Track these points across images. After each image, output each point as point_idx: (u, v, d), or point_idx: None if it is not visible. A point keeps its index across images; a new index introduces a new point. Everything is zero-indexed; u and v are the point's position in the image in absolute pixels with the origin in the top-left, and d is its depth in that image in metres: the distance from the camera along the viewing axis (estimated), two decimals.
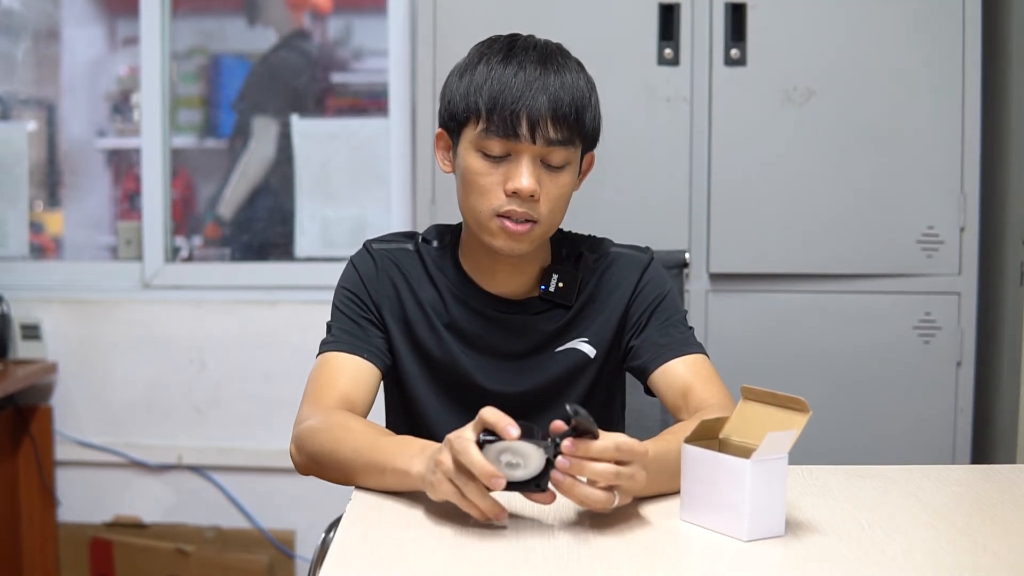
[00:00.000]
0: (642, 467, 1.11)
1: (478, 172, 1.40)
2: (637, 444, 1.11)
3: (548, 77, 1.37)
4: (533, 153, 1.37)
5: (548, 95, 1.36)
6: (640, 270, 1.54)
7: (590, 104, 1.42)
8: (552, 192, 1.40)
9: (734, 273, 2.37)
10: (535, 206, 1.39)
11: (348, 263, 1.56)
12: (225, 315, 2.89)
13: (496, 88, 1.37)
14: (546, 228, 1.43)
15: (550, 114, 1.36)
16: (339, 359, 1.46)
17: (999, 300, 2.39)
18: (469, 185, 1.41)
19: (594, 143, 1.47)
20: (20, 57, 3.25)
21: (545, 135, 1.36)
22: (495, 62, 1.39)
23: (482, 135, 1.38)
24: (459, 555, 1.06)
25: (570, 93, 1.38)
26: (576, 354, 1.52)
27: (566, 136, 1.38)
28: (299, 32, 3.25)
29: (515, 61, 1.38)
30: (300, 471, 1.39)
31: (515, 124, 1.35)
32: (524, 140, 1.36)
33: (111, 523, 2.92)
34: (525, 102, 1.35)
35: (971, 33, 2.29)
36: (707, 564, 1.06)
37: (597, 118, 1.45)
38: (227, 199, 3.16)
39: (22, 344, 2.89)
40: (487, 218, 1.40)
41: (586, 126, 1.41)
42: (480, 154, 1.39)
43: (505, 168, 1.38)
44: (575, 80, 1.40)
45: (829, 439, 2.27)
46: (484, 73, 1.39)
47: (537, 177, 1.38)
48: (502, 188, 1.38)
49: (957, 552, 1.09)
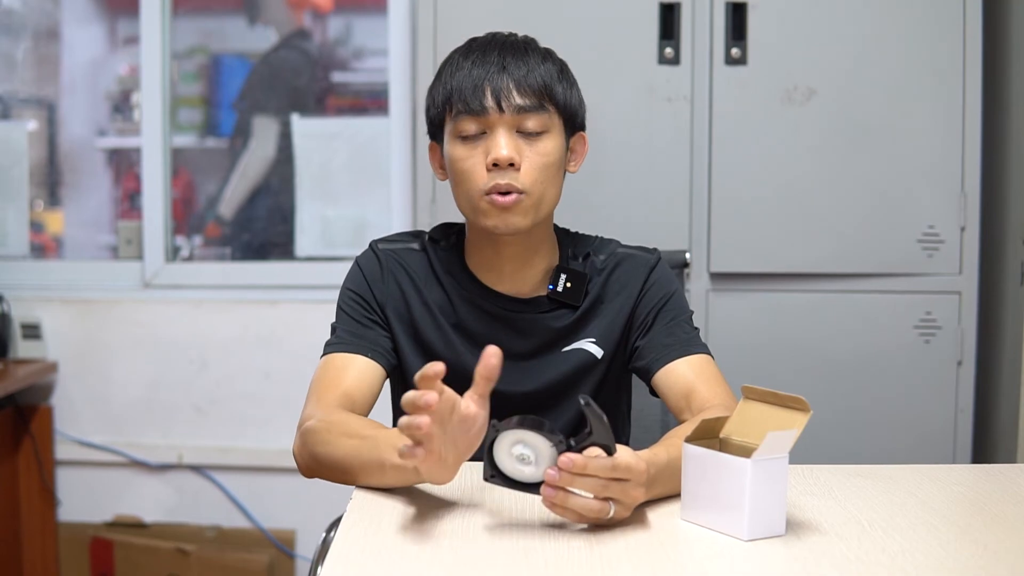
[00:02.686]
0: (639, 484, 1.11)
1: (460, 157, 1.43)
2: (635, 462, 1.10)
3: (507, 58, 1.43)
4: (506, 124, 1.41)
5: (506, 68, 1.42)
6: (647, 271, 1.54)
7: (560, 79, 1.46)
8: (534, 161, 1.42)
9: (735, 273, 2.37)
10: (517, 175, 1.41)
11: (353, 264, 1.56)
12: (225, 315, 2.89)
13: (459, 77, 1.43)
14: (536, 199, 1.43)
15: (514, 83, 1.41)
16: (343, 359, 1.46)
17: (1000, 300, 2.39)
18: (456, 174, 1.45)
19: (576, 120, 1.49)
20: (20, 56, 3.25)
21: (511, 102, 1.40)
22: (458, 61, 1.45)
23: (455, 119, 1.43)
24: (459, 555, 1.06)
25: (530, 65, 1.43)
26: (583, 354, 1.52)
27: (535, 101, 1.41)
28: (299, 31, 3.25)
29: (475, 54, 1.44)
30: (304, 474, 1.38)
31: (480, 97, 1.40)
32: (492, 112, 1.40)
33: (111, 523, 2.92)
34: (486, 77, 1.41)
35: (971, 33, 2.29)
36: (707, 564, 1.06)
37: (573, 95, 1.48)
38: (227, 199, 3.16)
39: (22, 343, 2.89)
40: (477, 199, 1.43)
41: (557, 95, 1.44)
42: (459, 140, 1.43)
43: (484, 146, 1.42)
44: (538, 60, 1.45)
45: (830, 439, 2.27)
46: (449, 72, 1.45)
47: (516, 147, 1.41)
48: (484, 165, 1.41)
49: (957, 551, 1.09)
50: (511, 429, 1.11)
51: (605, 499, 1.10)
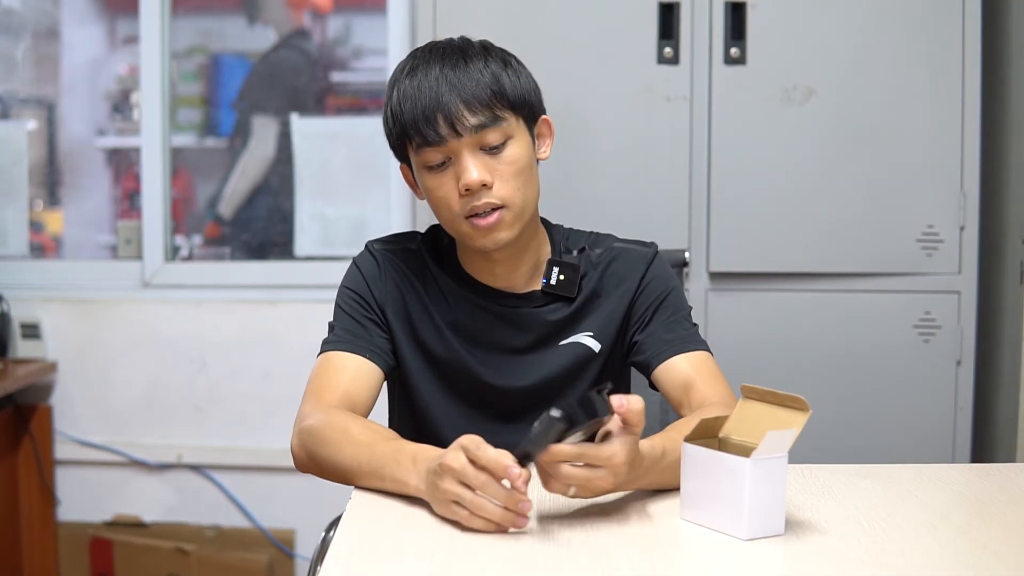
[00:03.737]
0: (611, 473, 1.12)
1: (433, 187, 1.42)
2: (604, 451, 1.11)
3: (447, 72, 1.39)
4: (468, 146, 1.39)
5: (452, 87, 1.38)
6: (645, 265, 1.54)
7: (504, 73, 1.42)
8: (505, 172, 1.40)
9: (734, 272, 2.37)
10: (490, 193, 1.40)
11: (351, 264, 1.56)
12: (225, 314, 2.89)
13: (408, 104, 1.39)
14: (519, 208, 1.42)
15: (462, 103, 1.37)
16: (341, 358, 1.46)
17: (999, 299, 2.39)
18: (434, 203, 1.44)
19: (532, 107, 1.46)
20: (20, 56, 3.25)
21: (466, 124, 1.37)
22: (403, 83, 1.41)
23: (418, 152, 1.41)
24: (459, 555, 1.06)
25: (474, 76, 1.39)
26: (580, 348, 1.52)
27: (488, 115, 1.39)
28: (299, 31, 3.25)
29: (418, 72, 1.40)
30: (300, 469, 1.39)
31: (435, 127, 1.37)
32: (450, 138, 1.38)
33: (111, 522, 2.92)
34: (433, 103, 1.37)
35: (971, 32, 2.29)
36: (707, 563, 1.06)
37: (521, 82, 1.44)
38: (227, 198, 3.16)
39: (22, 343, 2.89)
40: (458, 224, 1.42)
41: (508, 95, 1.41)
42: (427, 170, 1.42)
43: (453, 171, 1.40)
44: (478, 64, 1.41)
45: (829, 438, 2.27)
46: (397, 100, 1.42)
47: (483, 165, 1.39)
48: (457, 191, 1.40)
49: (957, 551, 1.09)
50: (574, 434, 1.11)
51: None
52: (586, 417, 1.09)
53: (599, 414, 1.10)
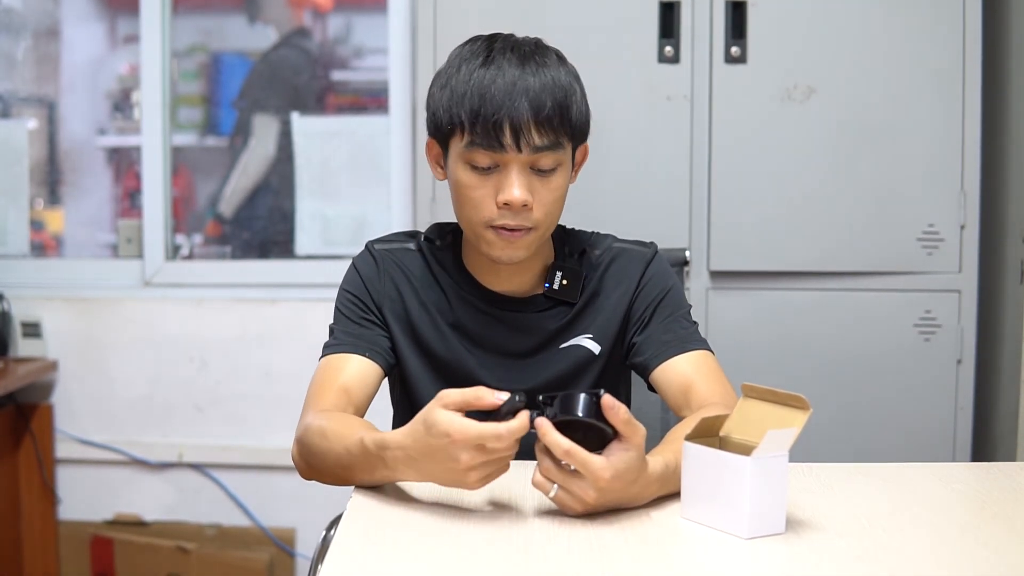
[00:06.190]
0: (594, 490, 1.11)
1: (468, 185, 1.39)
2: (594, 460, 1.10)
3: (527, 79, 1.35)
4: (521, 162, 1.36)
5: (529, 98, 1.33)
6: (643, 265, 1.53)
7: (574, 99, 1.39)
8: (546, 197, 1.39)
9: (734, 271, 2.37)
10: (528, 215, 1.38)
11: (350, 265, 1.55)
12: (225, 313, 2.89)
13: (476, 98, 1.34)
14: (543, 231, 1.42)
15: (533, 119, 1.33)
16: (339, 359, 1.46)
17: (999, 298, 2.39)
18: (461, 198, 1.41)
19: (584, 136, 1.45)
20: (20, 55, 3.25)
21: (530, 142, 1.34)
22: (474, 68, 1.37)
23: (468, 148, 1.37)
24: (459, 554, 1.06)
25: (551, 93, 1.35)
26: (581, 350, 1.52)
27: (552, 140, 1.36)
28: (299, 30, 3.25)
29: (493, 65, 1.36)
30: (304, 478, 1.38)
31: (499, 135, 1.33)
32: (510, 150, 1.34)
33: (112, 521, 2.92)
34: (506, 111, 1.33)
35: (971, 31, 2.29)
36: (707, 562, 1.06)
37: (584, 110, 1.42)
38: (227, 197, 3.16)
39: (23, 342, 2.89)
40: (481, 228, 1.40)
41: (572, 123, 1.38)
42: (469, 167, 1.38)
43: (495, 179, 1.37)
44: (556, 76, 1.37)
45: (830, 437, 2.27)
46: (464, 82, 1.36)
47: (528, 185, 1.36)
48: (493, 200, 1.37)
49: (957, 549, 1.09)
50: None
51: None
52: (561, 412, 1.10)
53: (576, 413, 1.10)
